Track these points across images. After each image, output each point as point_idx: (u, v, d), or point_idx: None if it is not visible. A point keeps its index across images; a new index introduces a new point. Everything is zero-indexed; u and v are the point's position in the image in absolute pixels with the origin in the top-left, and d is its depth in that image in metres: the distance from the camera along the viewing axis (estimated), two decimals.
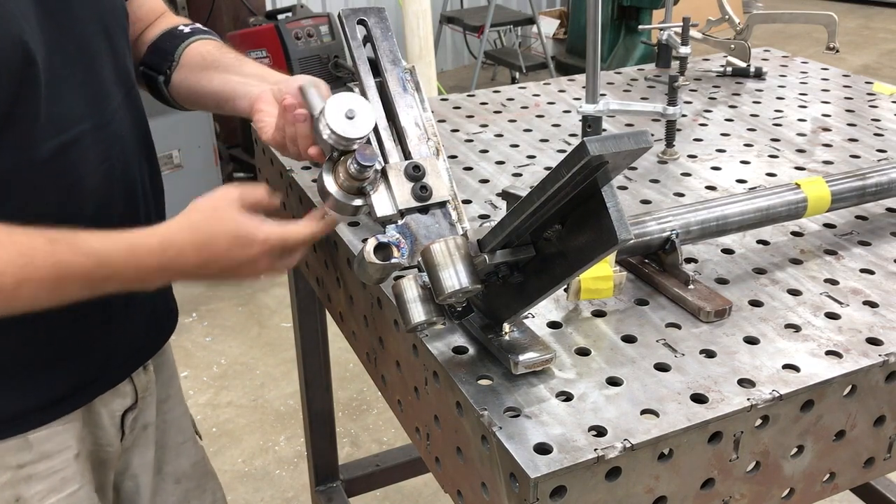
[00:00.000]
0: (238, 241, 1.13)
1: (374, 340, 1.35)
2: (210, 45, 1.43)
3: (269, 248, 1.15)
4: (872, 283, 1.27)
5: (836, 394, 1.08)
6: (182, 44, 1.42)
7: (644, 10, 5.71)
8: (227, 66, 1.38)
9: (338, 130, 1.11)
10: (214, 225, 1.14)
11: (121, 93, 1.29)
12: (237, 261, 1.14)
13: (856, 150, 1.76)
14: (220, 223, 1.14)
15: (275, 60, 4.65)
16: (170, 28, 1.45)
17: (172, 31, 1.45)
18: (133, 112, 1.33)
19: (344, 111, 1.11)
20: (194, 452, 1.64)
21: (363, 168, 1.10)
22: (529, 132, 1.88)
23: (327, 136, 1.12)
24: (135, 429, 1.47)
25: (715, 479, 1.03)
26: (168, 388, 1.57)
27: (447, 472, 1.13)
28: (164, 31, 1.45)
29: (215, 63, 1.39)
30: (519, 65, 6.37)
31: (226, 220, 1.14)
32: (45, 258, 1.04)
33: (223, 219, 1.14)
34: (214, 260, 1.13)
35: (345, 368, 3.49)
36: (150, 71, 1.44)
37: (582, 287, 1.16)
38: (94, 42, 1.23)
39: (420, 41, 4.26)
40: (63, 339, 1.27)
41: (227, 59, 1.40)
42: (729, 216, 1.31)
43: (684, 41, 1.83)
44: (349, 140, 1.12)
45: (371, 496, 2.70)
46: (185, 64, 1.41)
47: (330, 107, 1.11)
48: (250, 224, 1.14)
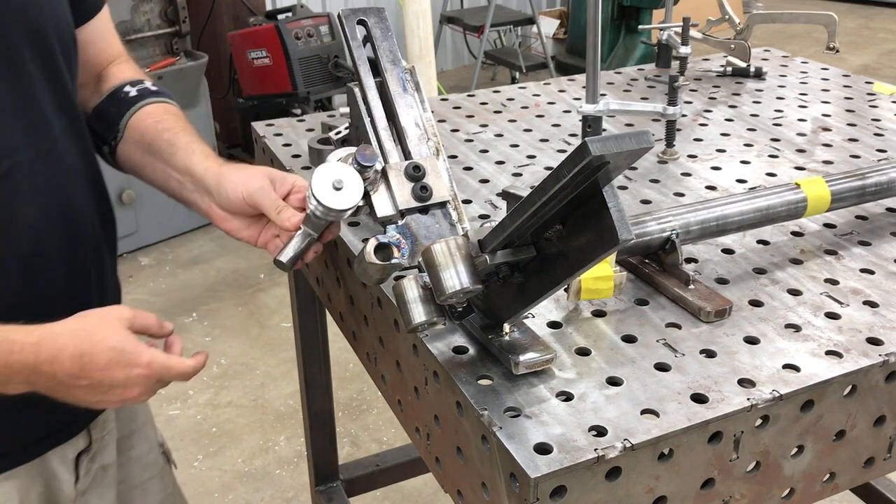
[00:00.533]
0: (121, 358, 1.07)
1: (374, 340, 1.35)
2: (150, 119, 1.33)
3: (150, 373, 1.09)
4: (872, 283, 1.27)
5: (837, 394, 1.08)
6: (127, 113, 1.33)
7: (644, 10, 5.71)
8: (161, 153, 1.29)
9: (326, 202, 1.10)
10: (99, 336, 1.07)
11: (63, 121, 1.21)
12: (113, 380, 1.07)
13: (856, 150, 1.76)
14: (105, 336, 1.07)
15: (275, 60, 4.65)
16: (115, 88, 1.35)
17: (118, 93, 1.34)
18: (79, 142, 1.25)
19: (331, 182, 1.10)
20: (161, 488, 1.57)
21: (363, 168, 1.10)
22: (529, 132, 1.88)
23: (314, 208, 1.12)
24: (91, 471, 1.38)
25: (715, 479, 1.03)
26: (131, 424, 1.50)
27: (447, 472, 1.13)
28: (111, 90, 1.35)
29: (152, 147, 1.30)
30: (519, 65, 6.37)
31: (112, 335, 1.07)
32: None
33: (109, 332, 1.08)
34: (89, 373, 1.06)
35: (345, 368, 3.49)
36: (95, 138, 1.35)
37: (582, 287, 1.16)
38: (29, 68, 1.15)
39: (420, 41, 4.26)
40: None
41: (160, 144, 1.29)
42: (729, 216, 1.31)
43: (684, 41, 1.83)
44: (337, 212, 1.11)
45: (371, 496, 2.70)
46: (129, 139, 1.33)
47: (316, 178, 1.10)
48: (137, 345, 1.08)
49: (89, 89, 1.37)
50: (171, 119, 1.33)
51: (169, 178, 1.29)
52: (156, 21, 4.39)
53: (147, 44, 4.39)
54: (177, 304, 4.07)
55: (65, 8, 1.22)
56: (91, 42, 1.34)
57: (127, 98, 1.34)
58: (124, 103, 1.33)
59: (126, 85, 1.35)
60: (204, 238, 4.64)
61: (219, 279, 4.30)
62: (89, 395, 1.09)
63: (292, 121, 1.95)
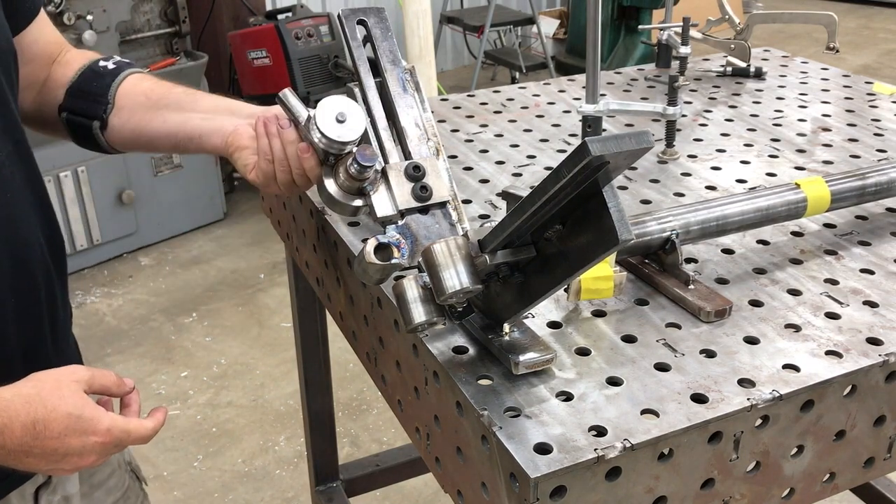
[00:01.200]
0: (78, 426, 1.01)
1: (374, 340, 1.35)
2: (148, 82, 1.30)
3: (108, 441, 1.03)
4: (872, 283, 1.27)
5: (836, 394, 1.08)
6: (113, 82, 1.28)
7: (644, 10, 5.71)
8: (180, 103, 1.26)
9: (329, 134, 1.10)
10: (54, 402, 1.00)
11: (7, 145, 1.15)
12: (68, 449, 1.01)
13: (856, 150, 1.76)
14: (61, 402, 1.00)
15: (275, 60, 4.65)
16: (88, 65, 1.29)
17: (93, 69, 1.29)
18: (23, 165, 1.18)
19: (334, 114, 1.10)
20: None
21: (363, 168, 1.11)
22: (529, 132, 1.88)
23: (318, 140, 1.11)
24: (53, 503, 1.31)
25: (715, 479, 1.03)
26: None
27: (447, 472, 1.13)
28: (83, 69, 1.29)
29: (164, 101, 1.26)
30: (519, 65, 6.37)
31: (68, 400, 1.01)
32: None
33: (65, 398, 1.01)
34: (43, 443, 0.99)
35: (345, 368, 3.49)
36: (79, 117, 1.29)
37: (582, 287, 1.16)
38: None
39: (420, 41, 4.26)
40: None
41: (176, 96, 1.27)
42: (729, 216, 1.31)
43: (684, 41, 1.83)
44: (342, 143, 1.11)
45: (371, 496, 2.70)
46: (125, 105, 1.28)
47: (320, 111, 1.10)
48: (94, 411, 1.02)
49: (41, 82, 1.32)
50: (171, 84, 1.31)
51: (186, 122, 1.25)
52: (156, 21, 4.39)
53: (147, 44, 4.40)
54: (177, 304, 4.07)
55: (1, 23, 1.16)
56: (35, 41, 1.29)
57: (107, 70, 1.30)
58: (106, 76, 1.29)
59: (99, 61, 1.31)
60: (204, 238, 4.65)
61: (219, 279, 4.30)
62: (41, 463, 1.02)
63: None
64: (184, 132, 1.25)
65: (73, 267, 4.22)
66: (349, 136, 1.11)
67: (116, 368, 3.57)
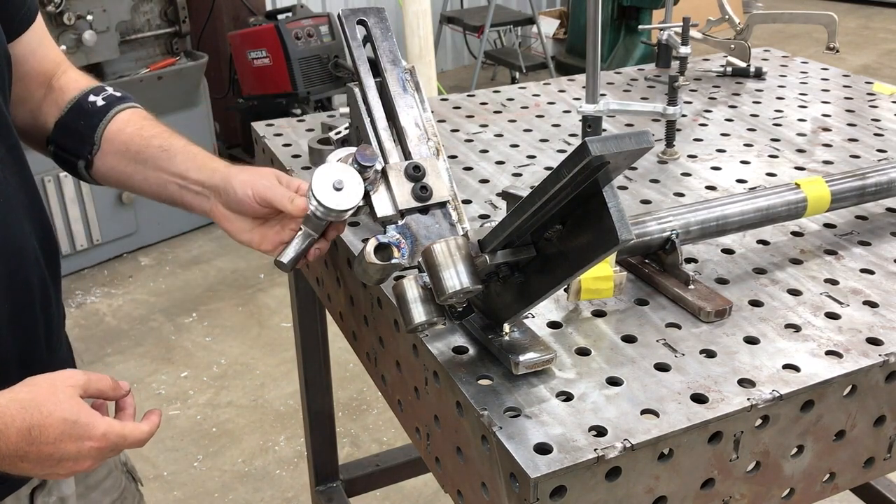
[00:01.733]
0: (73, 431, 1.00)
1: (374, 340, 1.35)
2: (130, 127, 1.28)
3: (104, 445, 1.03)
4: (872, 283, 1.27)
5: (836, 394, 1.08)
6: (99, 124, 1.27)
7: (644, 10, 5.72)
8: (156, 160, 1.24)
9: (326, 203, 1.10)
10: (50, 407, 0.99)
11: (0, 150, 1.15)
12: (64, 454, 1.00)
13: (856, 150, 1.76)
14: (56, 407, 1.00)
15: (275, 60, 4.65)
16: (77, 98, 1.29)
17: (81, 104, 1.28)
18: (16, 169, 1.18)
19: (332, 182, 1.10)
20: None
21: (363, 168, 1.10)
22: (529, 132, 1.88)
23: (314, 208, 1.11)
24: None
25: (715, 479, 1.03)
26: None
27: (447, 472, 1.13)
28: (72, 102, 1.29)
29: (142, 155, 1.25)
30: (519, 65, 6.37)
31: (64, 405, 1.00)
32: None
33: (61, 403, 1.00)
34: (38, 448, 0.99)
35: (345, 368, 3.49)
36: (65, 154, 1.29)
37: (582, 287, 1.16)
38: None
39: (420, 41, 4.26)
40: None
41: (151, 151, 1.25)
42: (729, 216, 1.31)
43: (684, 41, 1.83)
44: (338, 212, 1.11)
45: (371, 496, 2.70)
46: (109, 151, 1.27)
47: (316, 180, 1.10)
48: (90, 417, 1.02)
49: (37, 104, 1.32)
50: (151, 125, 1.30)
51: (166, 184, 1.25)
52: (156, 21, 4.39)
53: (147, 44, 4.40)
54: (177, 304, 4.07)
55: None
56: (30, 53, 1.28)
57: (95, 108, 1.29)
58: (93, 115, 1.29)
59: (88, 94, 1.30)
60: (204, 238, 4.64)
61: (219, 279, 4.30)
62: (37, 468, 1.02)
63: (292, 121, 1.95)
64: (164, 194, 1.26)
65: (73, 267, 4.22)
66: (348, 204, 1.10)
67: (116, 368, 3.57)
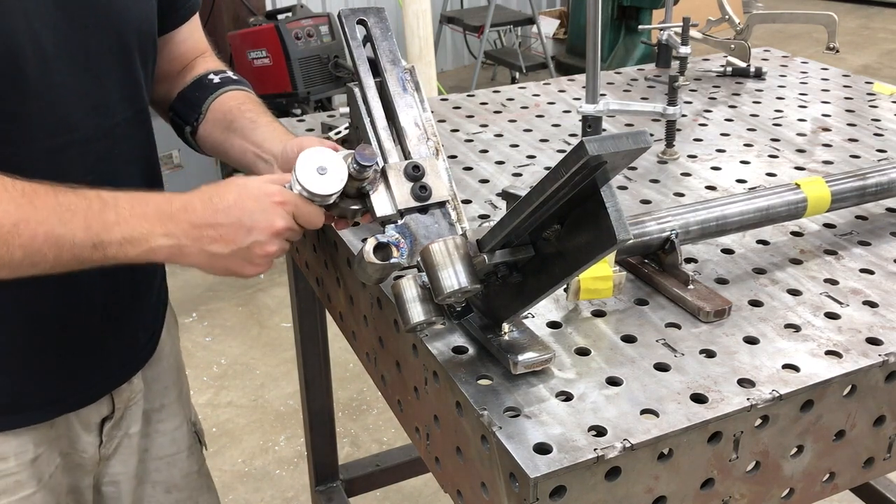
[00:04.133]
0: (248, 190, 1.10)
1: (374, 340, 1.35)
2: (232, 101, 1.41)
3: (283, 200, 1.10)
4: (872, 283, 1.27)
5: (836, 394, 1.08)
6: (210, 97, 1.41)
7: (644, 10, 5.71)
8: (242, 130, 1.36)
9: (308, 186, 1.10)
10: (222, 184, 1.12)
11: (128, 111, 1.28)
12: (249, 211, 1.08)
13: (856, 150, 1.76)
14: (228, 182, 1.12)
15: (275, 60, 4.65)
16: (200, 76, 1.44)
17: (202, 80, 1.43)
18: (139, 132, 1.33)
19: (315, 166, 1.11)
20: (188, 465, 1.61)
21: (363, 168, 1.10)
22: (529, 132, 1.88)
23: (298, 192, 1.12)
24: (115, 437, 1.44)
25: (715, 479, 1.03)
26: (162, 398, 1.54)
27: (447, 472, 1.13)
28: (195, 79, 1.44)
29: (233, 125, 1.37)
30: (519, 65, 6.37)
31: (235, 180, 1.12)
32: (47, 198, 1.01)
33: (232, 180, 1.13)
34: (225, 211, 1.08)
35: (345, 368, 3.49)
36: (178, 119, 1.44)
37: (581, 287, 1.16)
38: (104, 58, 1.22)
39: (420, 41, 4.26)
40: (31, 348, 1.25)
41: (243, 122, 1.37)
42: (729, 216, 1.31)
43: (684, 41, 1.83)
44: (321, 196, 1.11)
45: (371, 496, 2.70)
46: (211, 119, 1.40)
47: (300, 164, 1.11)
48: (261, 180, 1.13)
49: (173, 79, 1.46)
50: (252, 103, 1.41)
51: (246, 152, 1.35)
52: None
53: None
54: (177, 304, 4.03)
55: (149, 13, 1.30)
56: (182, 41, 1.46)
57: (210, 84, 1.43)
58: (208, 88, 1.42)
59: (210, 73, 1.44)
60: None
61: (219, 279, 4.30)
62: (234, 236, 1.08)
63: (292, 121, 1.95)
64: (242, 162, 1.37)
65: None
66: (327, 190, 1.11)
67: None
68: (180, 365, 1.63)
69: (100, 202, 1.05)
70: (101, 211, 1.04)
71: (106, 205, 1.05)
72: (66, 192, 1.04)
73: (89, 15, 1.18)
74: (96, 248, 1.04)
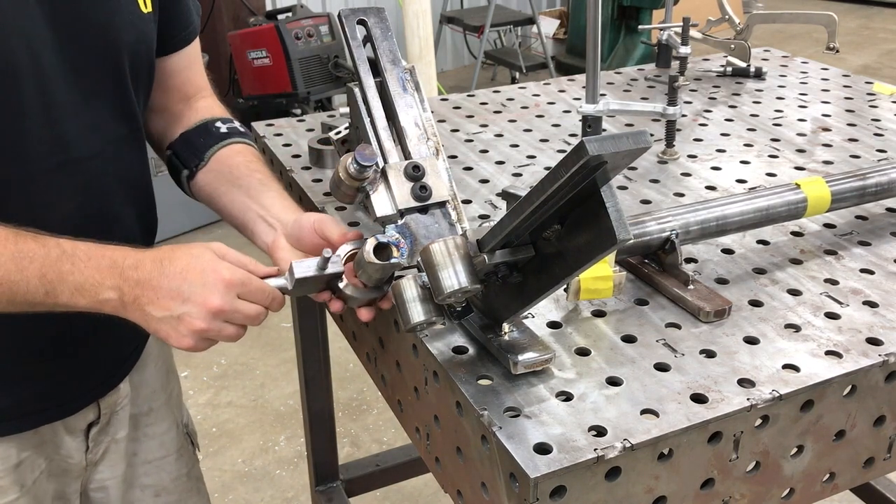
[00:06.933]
0: (199, 262, 1.08)
1: (374, 340, 1.35)
2: (240, 157, 1.39)
3: (232, 278, 1.08)
4: (872, 283, 1.27)
5: (836, 394, 1.08)
6: (215, 145, 1.39)
7: (644, 10, 5.71)
8: (249, 189, 1.33)
9: None
10: (179, 249, 1.10)
11: (122, 129, 1.28)
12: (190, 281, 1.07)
13: (856, 150, 1.76)
14: (186, 247, 1.11)
15: (275, 60, 4.65)
16: (206, 121, 1.42)
17: (208, 126, 1.41)
18: (133, 150, 1.32)
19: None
20: (177, 468, 1.60)
21: (363, 168, 1.10)
22: (529, 132, 1.88)
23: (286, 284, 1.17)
24: (102, 442, 1.44)
25: (715, 479, 1.03)
26: (150, 401, 1.53)
27: (447, 472, 1.13)
28: (200, 123, 1.42)
29: (240, 181, 1.35)
30: (519, 65, 6.37)
31: (192, 249, 1.10)
32: (7, 244, 1.03)
33: (190, 247, 1.11)
34: (169, 276, 1.07)
35: (345, 368, 3.49)
36: (177, 160, 1.41)
37: (582, 287, 1.16)
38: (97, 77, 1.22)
39: (420, 41, 4.26)
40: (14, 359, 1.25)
41: (251, 181, 1.35)
42: (729, 216, 1.31)
43: (684, 41, 1.83)
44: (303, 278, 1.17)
45: (371, 496, 2.70)
46: (214, 169, 1.38)
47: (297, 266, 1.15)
48: (218, 258, 1.11)
49: (173, 116, 1.44)
50: (259, 164, 1.40)
51: (247, 209, 1.33)
52: None
53: None
54: None
55: (147, 33, 1.29)
56: (178, 71, 1.42)
57: (217, 132, 1.41)
58: (213, 136, 1.40)
59: (217, 121, 1.43)
60: (204, 238, 4.64)
61: None
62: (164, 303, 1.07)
63: (292, 121, 1.95)
64: (241, 220, 1.34)
65: None
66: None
67: None
68: (170, 368, 1.61)
69: (58, 250, 1.06)
70: (58, 260, 1.05)
71: (64, 253, 1.06)
72: (26, 238, 1.05)
73: (85, 34, 1.18)
74: (48, 295, 1.06)
